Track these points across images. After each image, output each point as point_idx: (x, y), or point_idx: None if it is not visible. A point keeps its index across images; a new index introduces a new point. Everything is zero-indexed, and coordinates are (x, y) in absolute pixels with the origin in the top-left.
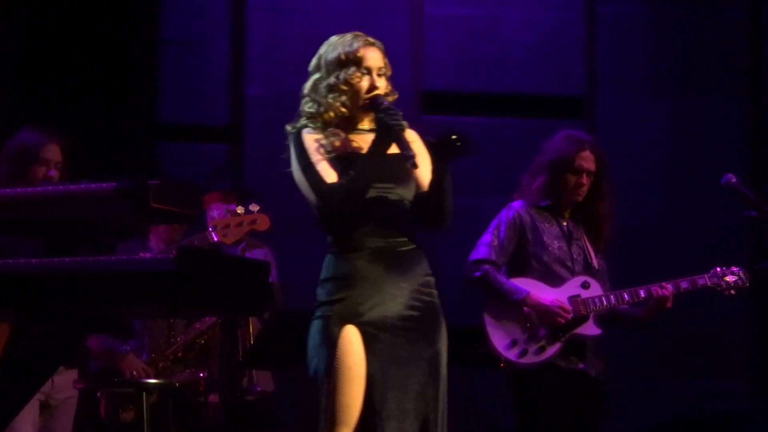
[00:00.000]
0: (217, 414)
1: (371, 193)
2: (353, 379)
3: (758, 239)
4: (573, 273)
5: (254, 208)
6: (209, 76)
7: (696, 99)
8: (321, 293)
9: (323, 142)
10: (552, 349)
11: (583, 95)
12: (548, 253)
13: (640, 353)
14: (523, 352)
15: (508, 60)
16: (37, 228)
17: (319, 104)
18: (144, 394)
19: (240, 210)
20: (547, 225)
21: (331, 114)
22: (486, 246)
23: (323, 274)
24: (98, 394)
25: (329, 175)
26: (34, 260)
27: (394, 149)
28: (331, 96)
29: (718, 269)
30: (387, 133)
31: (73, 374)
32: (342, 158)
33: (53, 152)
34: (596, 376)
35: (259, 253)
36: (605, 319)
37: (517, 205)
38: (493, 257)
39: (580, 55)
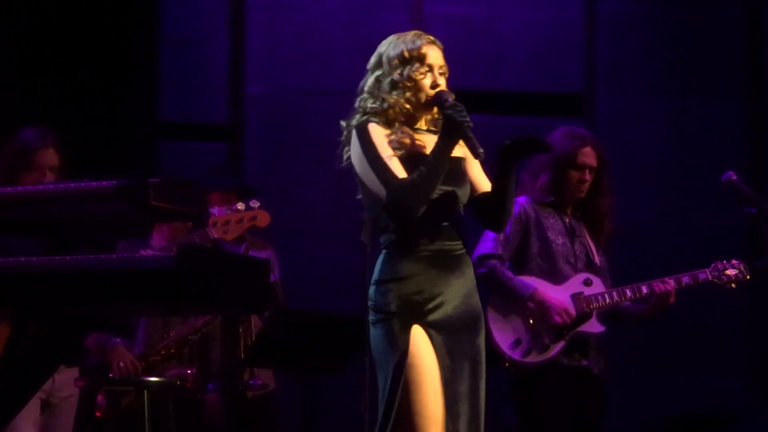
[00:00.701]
0: (214, 413)
1: (436, 193)
2: (432, 379)
3: (758, 237)
4: (576, 269)
5: (254, 204)
6: (209, 75)
7: (694, 97)
8: (378, 295)
9: (391, 137)
10: (556, 348)
11: (581, 93)
12: (552, 250)
13: (639, 351)
14: (528, 351)
15: (506, 58)
16: (36, 227)
17: (383, 101)
18: (145, 392)
19: (240, 206)
20: (551, 221)
21: (396, 110)
22: (492, 240)
23: (380, 275)
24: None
25: (399, 170)
26: (34, 259)
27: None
28: (395, 92)
29: (719, 263)
30: (455, 129)
31: (73, 372)
32: (408, 156)
33: (49, 157)
34: (599, 373)
35: (263, 255)
36: (608, 316)
37: (521, 200)
38: (499, 251)
39: (578, 53)
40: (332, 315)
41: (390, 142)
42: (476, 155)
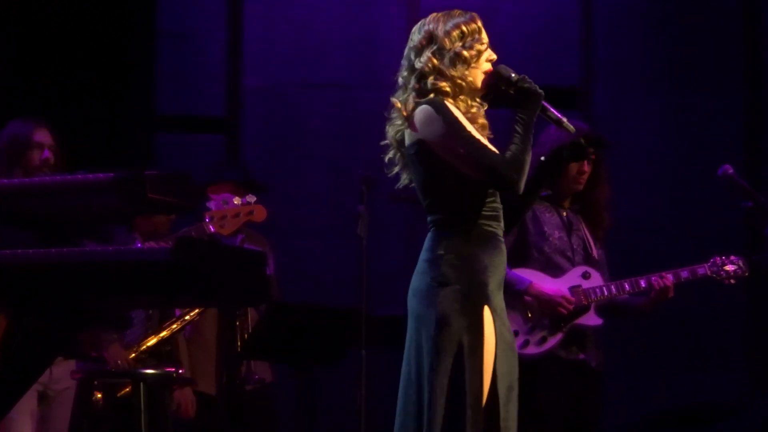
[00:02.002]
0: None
1: None
2: (490, 365)
3: (754, 231)
4: (573, 263)
5: (251, 199)
6: (206, 68)
7: (691, 91)
8: (448, 271)
9: (466, 116)
10: (553, 340)
11: (578, 87)
12: (549, 244)
13: (636, 345)
14: (525, 343)
15: (503, 51)
16: (34, 219)
17: (446, 76)
18: (141, 384)
19: (237, 201)
20: (547, 215)
21: (463, 84)
22: None
23: (444, 249)
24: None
25: (493, 148)
26: (31, 251)
27: None
28: (460, 66)
29: (717, 259)
30: (535, 100)
31: (71, 365)
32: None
33: (44, 135)
34: (596, 366)
35: (257, 248)
36: (606, 309)
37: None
38: None
39: (575, 47)
40: (329, 308)
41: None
42: (557, 122)
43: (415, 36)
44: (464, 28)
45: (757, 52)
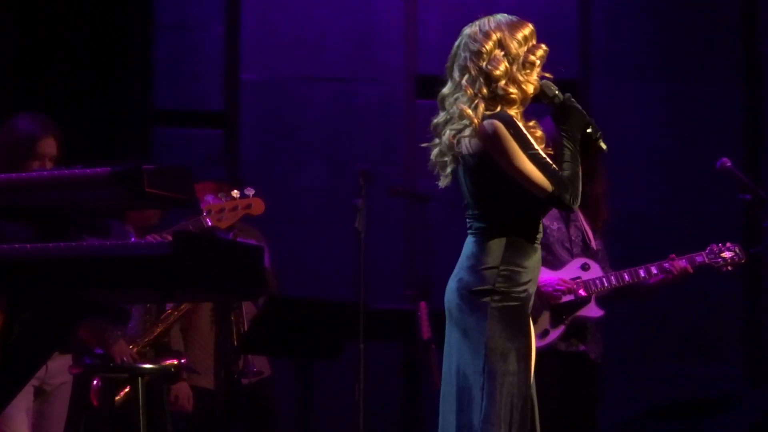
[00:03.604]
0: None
1: None
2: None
3: (752, 223)
4: (572, 255)
5: (249, 192)
6: (203, 62)
7: (690, 83)
8: (500, 279)
9: (529, 131)
10: (555, 333)
11: (575, 79)
12: (548, 235)
13: (635, 337)
14: None
15: None
16: (31, 213)
17: (517, 82)
18: (139, 379)
19: (235, 194)
20: None
21: (527, 91)
22: None
23: (500, 259)
24: (94, 382)
25: (554, 165)
26: (28, 245)
27: None
28: (529, 72)
29: (714, 246)
30: (579, 117)
31: (67, 360)
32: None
33: (50, 146)
34: (595, 359)
35: (251, 241)
36: (620, 294)
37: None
38: None
39: (573, 39)
40: (327, 302)
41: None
42: (598, 146)
43: (483, 43)
44: (526, 33)
45: (755, 43)
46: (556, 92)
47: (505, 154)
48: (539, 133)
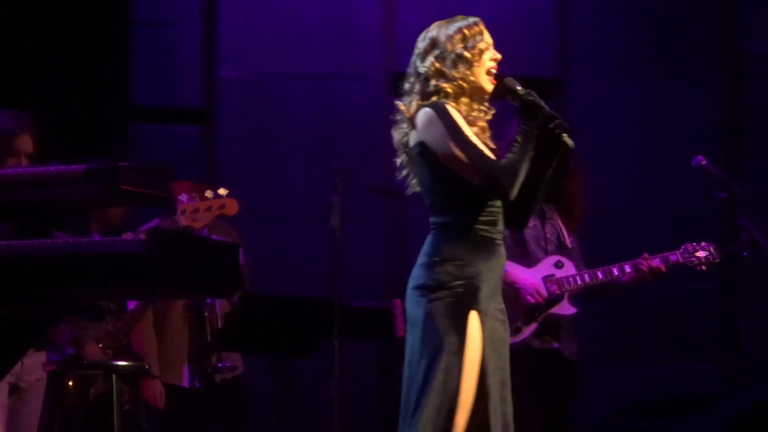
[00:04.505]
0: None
1: None
2: (475, 366)
3: (728, 221)
4: (546, 252)
5: (223, 192)
6: (182, 58)
7: (669, 81)
8: (437, 273)
9: (467, 119)
10: (528, 330)
11: (555, 77)
12: (523, 232)
13: (611, 334)
14: None
15: None
16: (6, 211)
17: (448, 78)
18: (114, 376)
19: (209, 194)
20: None
21: (464, 85)
22: None
23: (439, 254)
24: (67, 380)
25: (489, 153)
26: (4, 243)
27: None
28: (461, 67)
29: (689, 245)
30: (537, 113)
31: (42, 357)
32: (480, 140)
33: (26, 143)
34: (569, 355)
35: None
36: (591, 292)
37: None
38: None
39: (552, 37)
40: (302, 299)
41: (467, 126)
42: (563, 142)
43: (420, 44)
44: (466, 31)
45: (734, 41)
46: (517, 88)
47: (437, 140)
48: (481, 123)
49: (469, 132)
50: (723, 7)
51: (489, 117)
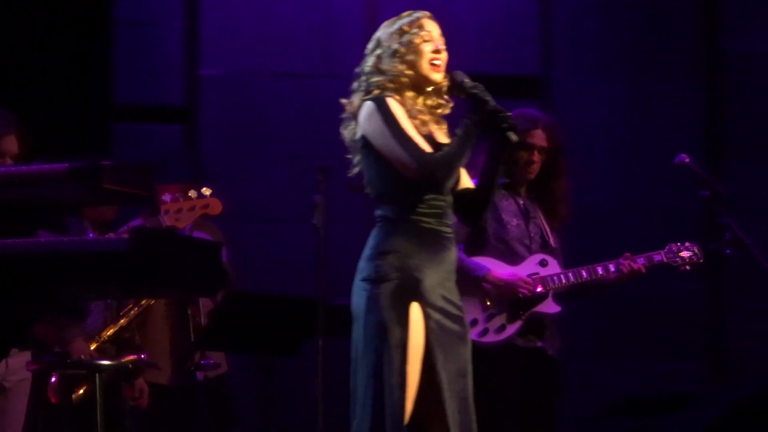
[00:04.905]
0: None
1: None
2: (418, 358)
3: (711, 219)
4: (530, 251)
5: (206, 192)
6: (163, 57)
7: (652, 79)
8: (379, 266)
9: (409, 112)
10: (512, 328)
11: (538, 75)
12: (506, 231)
13: (594, 333)
14: (484, 331)
15: (462, 40)
16: None
17: (385, 72)
18: (98, 375)
19: (192, 194)
20: (504, 203)
21: (401, 78)
22: None
23: (381, 246)
24: (52, 379)
25: (425, 145)
26: None
27: None
28: (396, 60)
29: (673, 245)
30: (481, 107)
31: (26, 356)
32: (423, 133)
33: (11, 144)
34: (553, 354)
35: (206, 236)
36: (574, 292)
37: (475, 183)
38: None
39: (535, 35)
40: (286, 297)
41: (408, 119)
42: (501, 137)
43: (370, 43)
44: (405, 27)
45: (716, 38)
46: (464, 81)
47: (374, 134)
48: (423, 117)
49: (408, 125)
50: (705, 4)
51: (445, 111)
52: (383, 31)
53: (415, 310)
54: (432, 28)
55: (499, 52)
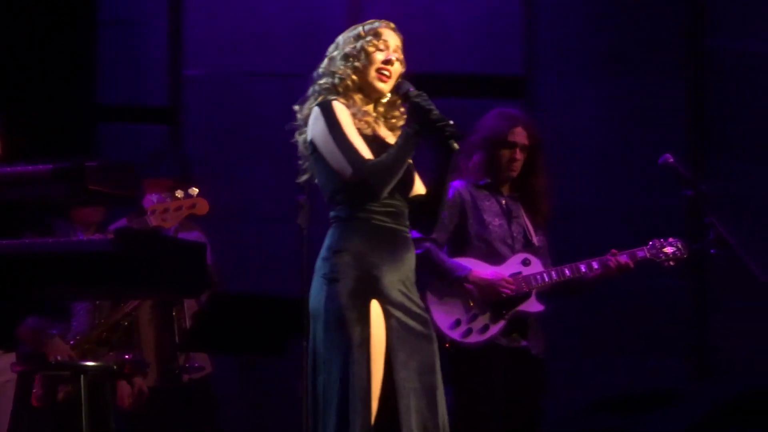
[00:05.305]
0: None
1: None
2: (379, 356)
3: (695, 219)
4: (513, 250)
5: (193, 192)
6: (148, 57)
7: (635, 79)
8: (335, 264)
9: (355, 116)
10: (495, 328)
11: (521, 75)
12: (489, 231)
13: (578, 331)
14: (468, 332)
15: (446, 40)
16: None
17: (333, 75)
18: (82, 377)
19: (179, 194)
20: (486, 203)
21: (347, 82)
22: None
23: (337, 244)
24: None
25: (365, 150)
26: None
27: None
28: (346, 64)
29: (656, 241)
30: (423, 116)
31: (11, 357)
32: (370, 138)
33: None
34: (537, 353)
35: (191, 236)
36: (559, 290)
37: (457, 184)
38: (434, 236)
39: (518, 35)
40: (270, 298)
41: (353, 123)
42: (443, 145)
43: (330, 47)
44: (362, 33)
45: (699, 37)
46: (408, 90)
47: (318, 137)
48: (368, 118)
49: (352, 129)
50: (688, 3)
51: (399, 122)
52: (343, 35)
53: (375, 308)
54: (389, 38)
55: (483, 52)
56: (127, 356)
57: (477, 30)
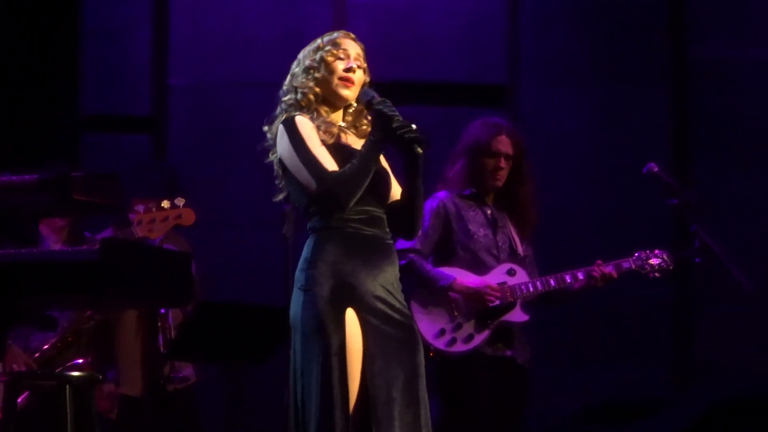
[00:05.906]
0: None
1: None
2: (356, 364)
3: (680, 227)
4: (499, 260)
5: (179, 202)
6: (131, 67)
7: (618, 87)
8: (311, 275)
9: (319, 128)
10: (480, 337)
11: (504, 83)
12: (474, 242)
13: (562, 341)
14: (452, 341)
15: (430, 48)
16: None
17: (296, 90)
18: (68, 387)
19: (165, 204)
20: (471, 213)
21: (310, 95)
22: None
23: (312, 255)
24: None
25: (329, 162)
26: None
27: None
28: (307, 77)
29: (642, 253)
30: (384, 123)
31: None
32: (336, 148)
33: None
34: (522, 363)
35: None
36: (544, 299)
37: (441, 194)
38: (418, 246)
39: (501, 44)
40: (255, 306)
41: (317, 135)
42: (408, 151)
43: (294, 63)
44: (320, 44)
45: (682, 45)
46: (372, 98)
47: (284, 153)
48: (334, 129)
49: (315, 142)
50: (671, 11)
51: (363, 124)
52: (304, 50)
53: (351, 316)
54: (349, 47)
55: (466, 61)
56: (82, 360)
57: (460, 39)
